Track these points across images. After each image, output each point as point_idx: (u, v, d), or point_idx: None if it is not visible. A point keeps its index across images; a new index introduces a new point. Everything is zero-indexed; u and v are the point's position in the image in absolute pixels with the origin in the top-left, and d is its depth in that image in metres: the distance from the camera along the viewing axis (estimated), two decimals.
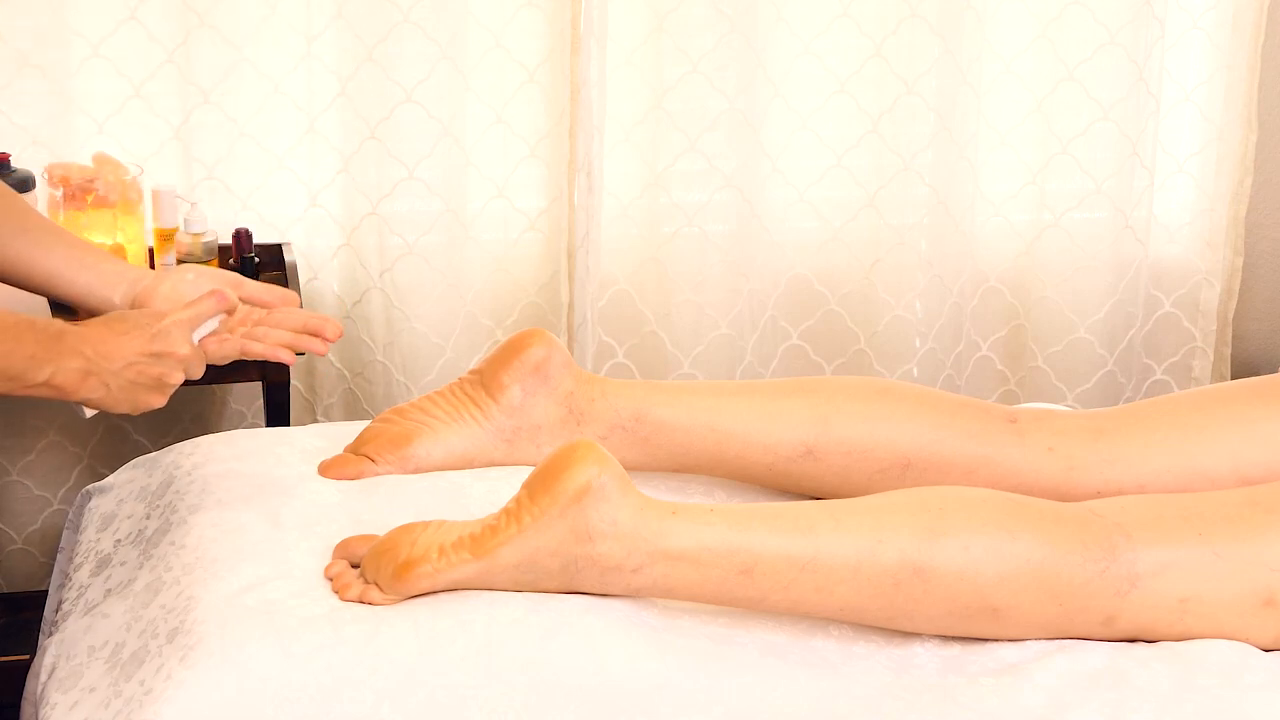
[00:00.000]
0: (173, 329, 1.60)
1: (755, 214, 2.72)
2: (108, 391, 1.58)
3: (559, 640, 1.51)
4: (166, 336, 1.60)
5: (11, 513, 2.69)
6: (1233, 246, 2.89)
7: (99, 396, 1.58)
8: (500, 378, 1.82)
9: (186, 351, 1.61)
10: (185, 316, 1.62)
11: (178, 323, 1.61)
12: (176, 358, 1.60)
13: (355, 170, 2.58)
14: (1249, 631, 1.62)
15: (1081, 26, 2.73)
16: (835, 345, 2.84)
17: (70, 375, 1.56)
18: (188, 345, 1.61)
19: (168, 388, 1.61)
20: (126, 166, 2.43)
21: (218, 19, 2.48)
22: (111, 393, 1.58)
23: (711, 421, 1.82)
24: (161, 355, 1.59)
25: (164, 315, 1.62)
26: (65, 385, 1.56)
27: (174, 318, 1.61)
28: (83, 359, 1.56)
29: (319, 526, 1.67)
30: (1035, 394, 2.91)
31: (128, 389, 1.59)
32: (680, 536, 1.55)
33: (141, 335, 1.59)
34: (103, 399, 1.59)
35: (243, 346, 1.67)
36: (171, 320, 1.61)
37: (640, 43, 2.64)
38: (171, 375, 1.61)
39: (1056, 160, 2.80)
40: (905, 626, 1.62)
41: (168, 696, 1.44)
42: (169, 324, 1.60)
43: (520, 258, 2.70)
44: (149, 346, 1.59)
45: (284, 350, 1.69)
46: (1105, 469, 1.80)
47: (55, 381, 1.55)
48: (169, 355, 1.60)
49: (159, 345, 1.59)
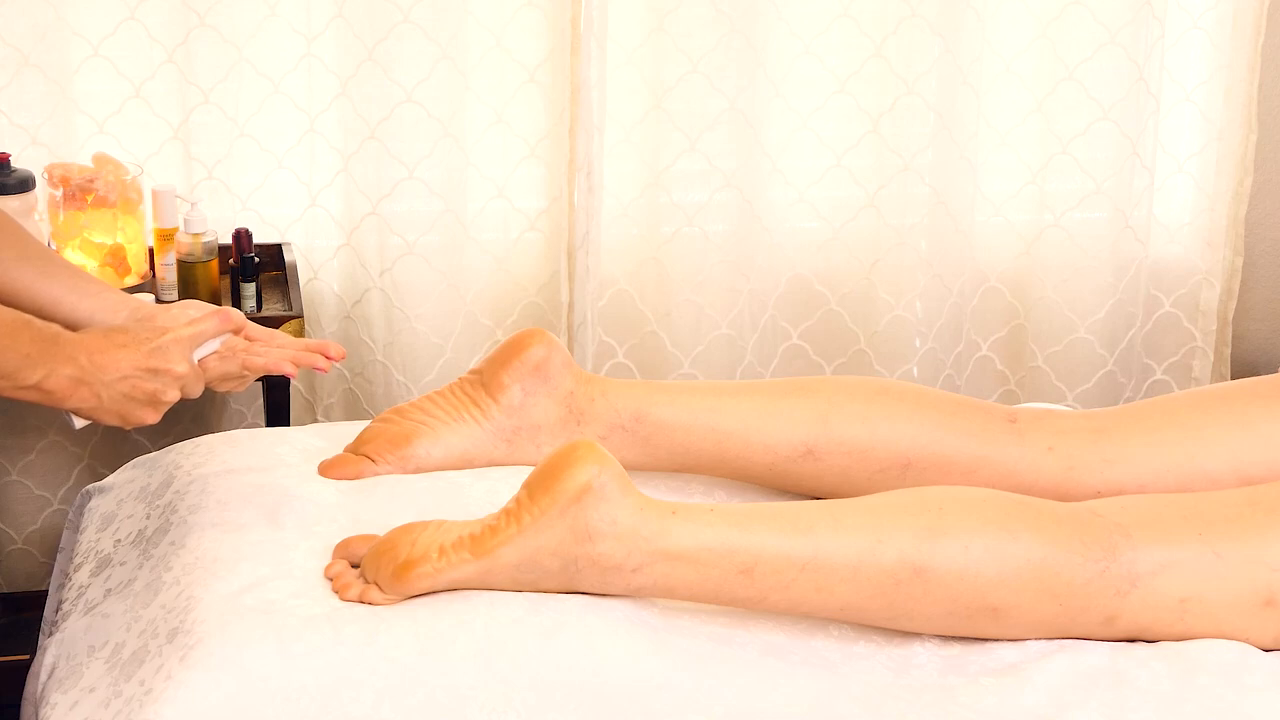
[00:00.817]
0: (171, 346, 1.59)
1: (755, 214, 2.72)
2: (99, 402, 1.56)
3: (559, 640, 1.51)
4: (164, 353, 1.58)
5: (11, 513, 2.69)
6: (1233, 246, 2.89)
7: (90, 406, 1.57)
8: (500, 377, 1.82)
9: (184, 370, 1.59)
10: (186, 334, 1.60)
11: (178, 340, 1.59)
12: (173, 375, 1.58)
13: (355, 170, 2.58)
14: (1249, 631, 1.62)
15: (1081, 26, 2.73)
16: (835, 345, 2.84)
17: (62, 381, 1.54)
18: (185, 363, 1.59)
19: (162, 405, 1.59)
20: (126, 166, 2.43)
21: (218, 19, 2.48)
22: (103, 404, 1.57)
23: (712, 421, 1.82)
24: (158, 371, 1.58)
25: (165, 330, 1.60)
26: (56, 390, 1.54)
27: (175, 334, 1.60)
28: (77, 367, 1.54)
29: (319, 526, 1.67)
30: (1035, 394, 2.91)
31: (120, 402, 1.57)
32: (680, 536, 1.55)
33: (139, 349, 1.57)
34: (93, 409, 1.57)
35: (245, 361, 1.66)
36: (172, 337, 1.59)
37: (640, 43, 2.64)
38: (166, 393, 1.59)
39: (1056, 160, 2.80)
40: (905, 626, 1.62)
41: (168, 696, 1.44)
42: (168, 340, 1.59)
43: (520, 258, 2.70)
44: (146, 361, 1.57)
45: (286, 364, 1.68)
46: (1105, 469, 1.80)
47: (46, 385, 1.53)
48: (165, 372, 1.58)
49: (156, 361, 1.57)
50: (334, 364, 1.73)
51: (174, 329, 1.60)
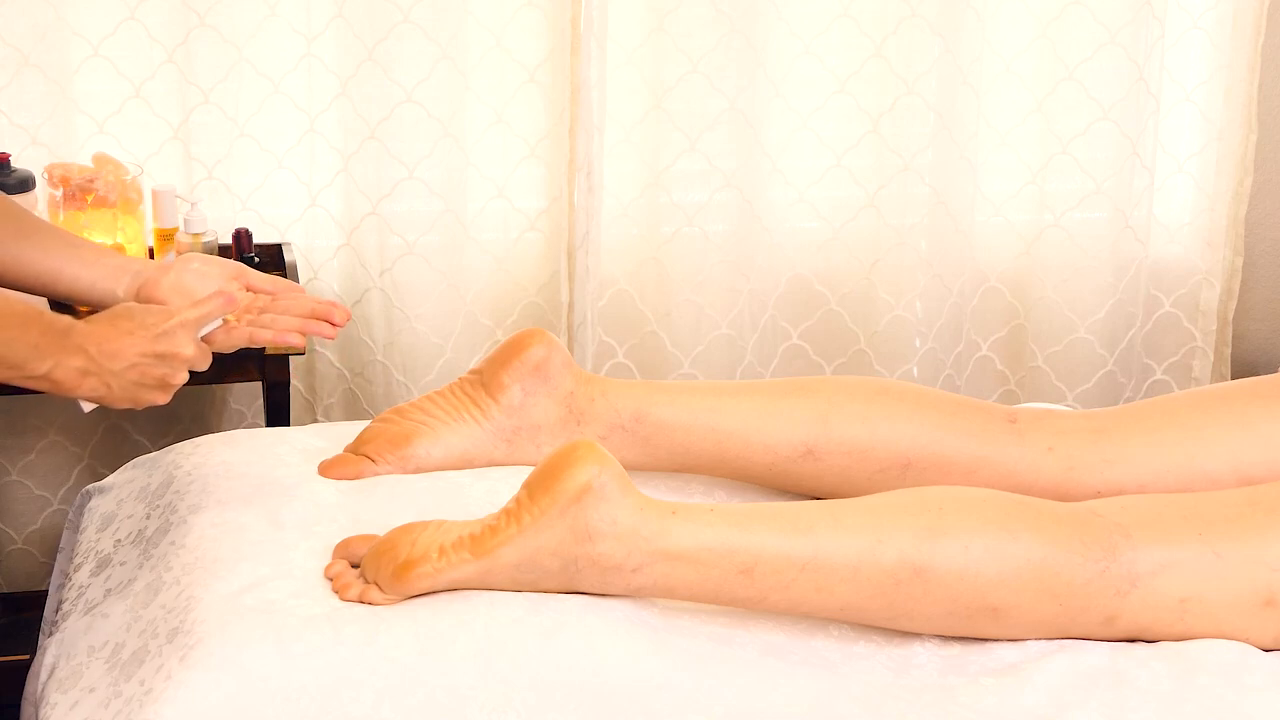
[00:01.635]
0: (178, 330, 1.60)
1: (755, 214, 2.72)
2: (109, 390, 1.58)
3: (559, 640, 1.51)
4: (171, 338, 1.59)
5: (11, 513, 2.69)
6: (1233, 246, 2.89)
7: (100, 395, 1.59)
8: (500, 377, 1.82)
9: (191, 353, 1.60)
10: (191, 317, 1.61)
11: (184, 323, 1.60)
12: (181, 359, 1.60)
13: (355, 170, 2.58)
14: (1249, 631, 1.62)
15: (1081, 26, 2.73)
16: (835, 345, 2.84)
17: (70, 373, 1.56)
18: (192, 346, 1.61)
19: (171, 387, 1.61)
20: (126, 166, 2.43)
21: (218, 19, 2.48)
22: (113, 391, 1.59)
23: (712, 421, 1.82)
24: (165, 356, 1.59)
25: (170, 314, 1.61)
26: (64, 381, 1.56)
27: (180, 318, 1.61)
28: (85, 358, 1.56)
29: (319, 526, 1.67)
30: (1035, 394, 2.91)
31: (130, 388, 1.59)
32: (680, 536, 1.55)
33: (146, 335, 1.58)
34: (104, 397, 1.59)
35: (251, 334, 1.67)
36: (177, 321, 1.60)
37: (640, 43, 2.64)
38: (175, 376, 1.61)
39: (1056, 160, 2.80)
40: (905, 626, 1.62)
41: (168, 696, 1.44)
42: (174, 325, 1.60)
43: (520, 258, 2.70)
44: (153, 347, 1.59)
45: (293, 335, 1.68)
46: (1105, 469, 1.80)
47: (55, 376, 1.56)
48: (173, 356, 1.60)
49: (163, 346, 1.59)
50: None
51: (179, 312, 1.61)
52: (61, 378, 1.56)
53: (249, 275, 1.73)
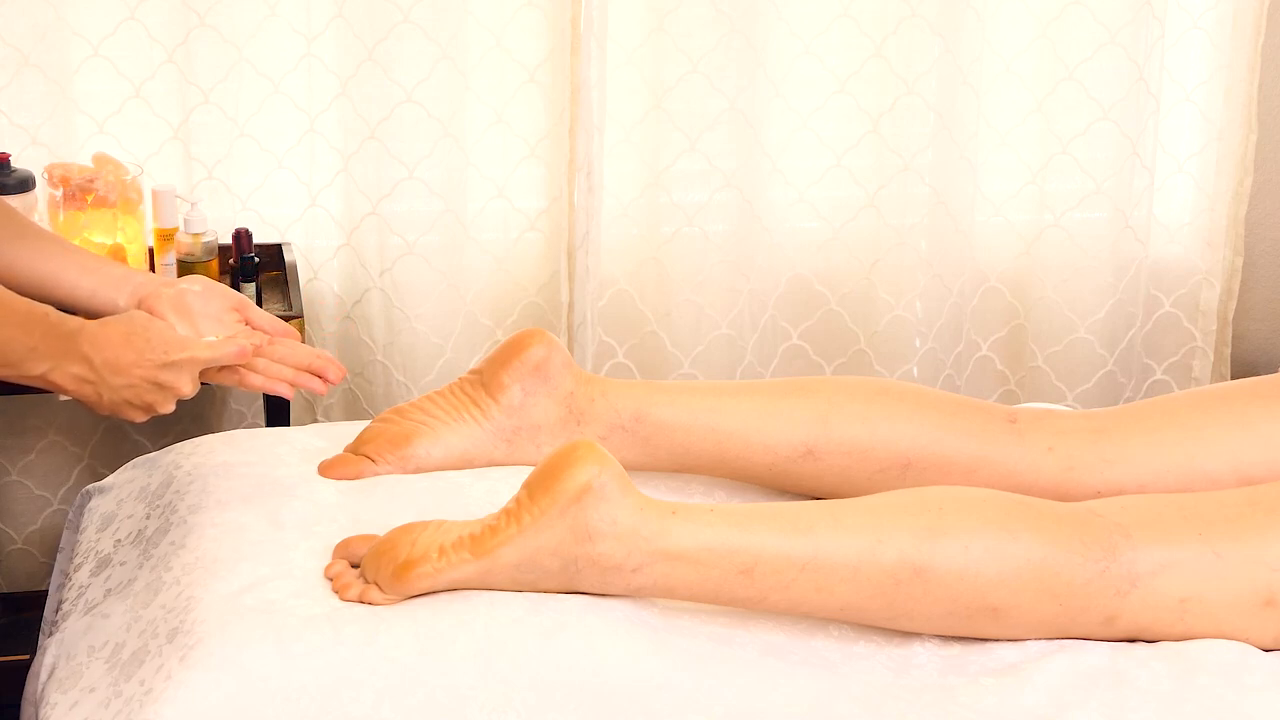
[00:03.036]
0: (185, 365, 1.61)
1: (755, 214, 2.72)
2: (98, 399, 1.61)
3: (559, 640, 1.51)
4: (177, 371, 1.61)
5: (11, 513, 2.69)
6: (1233, 246, 2.89)
7: (89, 401, 1.61)
8: (500, 378, 1.82)
9: (188, 391, 1.63)
10: (203, 356, 1.63)
11: (193, 360, 1.62)
12: (175, 393, 1.63)
13: (355, 170, 2.58)
14: (1249, 631, 1.62)
15: (1081, 26, 2.73)
16: (835, 345, 2.84)
17: (67, 378, 1.57)
18: (192, 385, 1.63)
19: (154, 413, 1.64)
20: (126, 166, 2.43)
21: (218, 19, 2.48)
22: (102, 400, 1.61)
23: (712, 421, 1.82)
24: (164, 387, 1.62)
25: (183, 344, 1.62)
26: (60, 384, 1.58)
27: (191, 353, 1.62)
28: (88, 367, 1.57)
29: (319, 526, 1.67)
30: (1035, 394, 2.91)
31: (119, 403, 1.62)
32: (680, 536, 1.55)
33: (154, 360, 1.60)
34: (91, 402, 1.62)
35: (241, 378, 1.69)
36: (188, 355, 1.61)
37: (640, 43, 2.64)
38: (163, 405, 1.63)
39: (1056, 160, 2.80)
40: (905, 626, 1.62)
41: (168, 696, 1.44)
42: (185, 359, 1.61)
43: (520, 258, 2.70)
44: (157, 375, 1.60)
45: (283, 385, 1.69)
46: (1105, 469, 1.80)
47: (50, 378, 1.57)
48: (171, 389, 1.62)
49: (167, 377, 1.61)
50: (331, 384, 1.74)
51: (191, 346, 1.62)
52: (58, 380, 1.57)
53: (250, 310, 1.74)
